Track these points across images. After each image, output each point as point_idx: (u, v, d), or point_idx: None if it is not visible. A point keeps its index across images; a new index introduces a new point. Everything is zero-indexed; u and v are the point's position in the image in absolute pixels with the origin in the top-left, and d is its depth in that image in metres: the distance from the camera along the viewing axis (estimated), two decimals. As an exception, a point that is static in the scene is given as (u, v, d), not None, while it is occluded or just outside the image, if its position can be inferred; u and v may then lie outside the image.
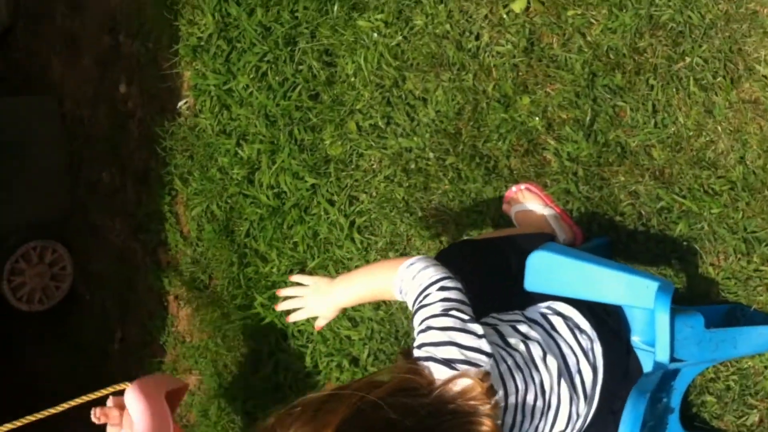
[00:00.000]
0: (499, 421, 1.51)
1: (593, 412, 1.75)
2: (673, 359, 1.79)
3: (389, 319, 2.78)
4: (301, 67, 2.90)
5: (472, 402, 1.40)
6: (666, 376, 1.87)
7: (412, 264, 1.64)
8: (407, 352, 1.53)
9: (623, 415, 1.68)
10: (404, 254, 2.70)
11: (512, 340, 1.66)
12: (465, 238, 2.46)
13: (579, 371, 1.71)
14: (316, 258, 2.95)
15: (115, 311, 4.20)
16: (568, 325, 1.76)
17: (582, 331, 1.75)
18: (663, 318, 1.74)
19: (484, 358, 1.49)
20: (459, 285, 1.59)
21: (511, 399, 1.57)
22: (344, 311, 2.50)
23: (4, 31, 4.65)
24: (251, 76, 3.04)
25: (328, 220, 2.89)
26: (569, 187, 2.26)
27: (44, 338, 4.66)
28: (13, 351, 4.81)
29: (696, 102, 2.03)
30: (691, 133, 2.05)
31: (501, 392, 1.55)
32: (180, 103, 3.50)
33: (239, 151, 3.17)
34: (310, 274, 2.96)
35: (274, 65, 2.97)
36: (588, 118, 2.19)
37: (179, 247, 3.61)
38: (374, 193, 2.75)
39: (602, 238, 2.21)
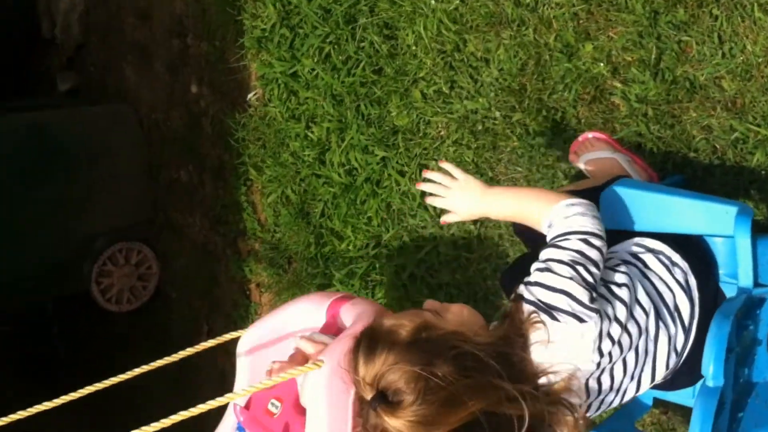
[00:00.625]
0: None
1: (690, 344, 1.73)
2: (757, 284, 1.76)
3: (467, 283, 2.78)
4: (362, 44, 2.93)
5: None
6: (752, 303, 1.83)
7: (572, 205, 1.59)
8: (517, 295, 1.52)
9: (707, 337, 1.65)
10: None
11: (615, 289, 1.61)
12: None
13: (677, 307, 1.69)
14: (391, 229, 2.97)
15: (201, 305, 4.31)
16: (660, 261, 1.72)
17: (675, 264, 1.71)
18: (744, 242, 1.72)
19: (591, 313, 1.50)
20: (602, 246, 1.55)
21: (614, 354, 1.57)
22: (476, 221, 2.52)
23: (78, 47, 4.83)
24: (315, 58, 3.09)
25: (399, 191, 2.92)
26: (640, 129, 2.24)
27: (134, 337, 4.80)
28: (105, 351, 4.96)
29: (762, 27, 1.99)
30: (760, 60, 2.01)
31: (605, 354, 1.55)
32: (249, 95, 3.58)
33: (309, 134, 3.22)
34: (387, 247, 2.99)
35: (336, 45, 3.01)
36: (653, 57, 2.17)
37: (257, 235, 3.68)
38: (444, 159, 2.76)
39: (677, 176, 2.17)
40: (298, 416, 1.79)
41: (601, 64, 2.28)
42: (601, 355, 1.53)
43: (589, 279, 1.50)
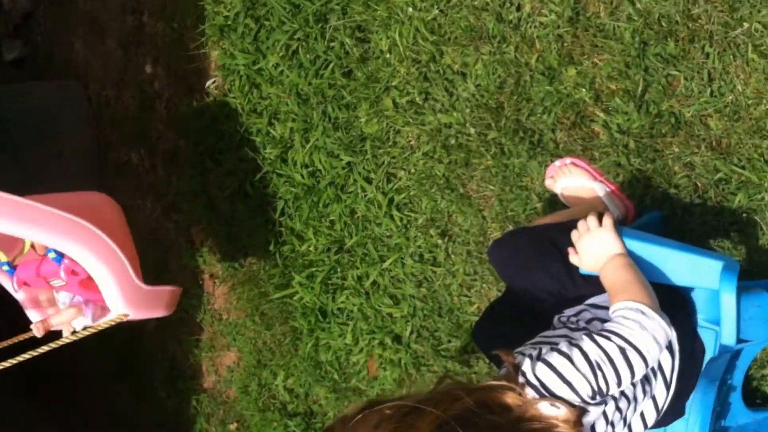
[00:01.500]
0: None
1: (671, 396, 1.71)
2: (739, 340, 1.74)
3: (432, 296, 2.74)
4: (333, 44, 2.83)
5: (554, 423, 1.38)
6: (730, 356, 1.82)
7: (643, 313, 1.50)
8: (516, 366, 1.47)
9: (694, 405, 1.64)
10: (445, 232, 2.66)
11: None
12: (518, 226, 2.39)
13: (660, 365, 1.66)
14: (354, 236, 2.90)
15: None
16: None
17: (670, 350, 1.68)
18: (729, 299, 1.69)
19: (590, 407, 1.46)
20: (637, 370, 1.47)
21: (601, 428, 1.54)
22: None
23: (25, 15, 4.60)
24: (281, 54, 2.98)
25: (365, 197, 2.84)
26: (620, 160, 2.20)
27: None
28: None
29: (755, 69, 1.95)
30: (750, 102, 1.98)
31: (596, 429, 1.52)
32: (208, 83, 3.45)
33: (271, 131, 3.11)
34: (350, 252, 2.93)
35: (304, 43, 2.90)
36: (639, 89, 2.12)
37: (213, 226, 3.58)
38: (413, 170, 2.69)
39: (656, 212, 2.15)
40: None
41: (584, 90, 2.23)
42: (593, 430, 1.50)
43: (602, 386, 1.45)
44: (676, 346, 1.71)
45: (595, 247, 1.70)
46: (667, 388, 1.70)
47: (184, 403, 3.99)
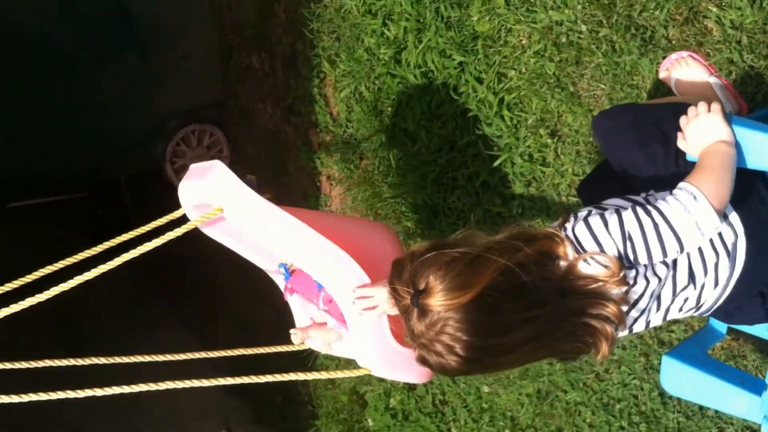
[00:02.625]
0: (625, 308, 1.55)
1: (727, 295, 1.72)
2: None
3: (541, 197, 2.78)
4: (446, -58, 2.83)
5: (602, 284, 1.48)
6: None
7: (704, 209, 1.50)
8: (563, 221, 1.57)
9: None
10: (555, 131, 2.67)
11: None
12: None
13: (716, 266, 1.67)
14: (466, 136, 2.95)
15: (271, 191, 4.37)
16: None
17: (729, 224, 1.67)
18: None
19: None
20: (670, 254, 1.52)
21: (646, 293, 1.60)
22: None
23: None
24: (396, -47, 3.01)
25: (476, 98, 2.88)
26: (732, 57, 2.16)
27: (206, 218, 4.91)
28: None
29: None
30: None
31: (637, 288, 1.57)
32: (325, -16, 3.51)
33: (385, 31, 3.16)
34: (461, 152, 2.98)
35: (419, -59, 2.92)
36: (754, -18, 2.07)
37: (329, 128, 3.69)
38: (524, 70, 2.71)
39: (767, 109, 2.11)
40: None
41: (698, -15, 2.19)
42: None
43: (629, 254, 1.51)
44: (740, 258, 1.68)
45: (702, 132, 1.68)
46: (716, 286, 1.70)
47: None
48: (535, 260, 1.45)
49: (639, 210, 1.52)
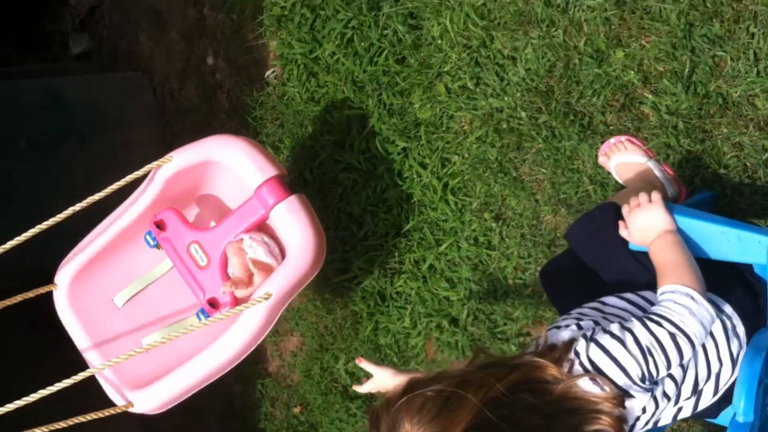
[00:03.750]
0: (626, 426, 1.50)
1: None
2: (786, 313, 1.76)
3: (487, 279, 2.78)
4: (386, 32, 2.89)
5: (599, 402, 1.42)
6: (781, 331, 1.83)
7: (692, 298, 1.54)
8: (552, 346, 1.52)
9: (739, 374, 1.66)
10: (499, 215, 2.70)
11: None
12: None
13: (718, 375, 1.69)
14: (411, 220, 2.97)
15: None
16: (725, 329, 1.70)
17: (736, 335, 1.70)
18: (776, 273, 1.72)
19: (640, 390, 1.51)
20: (686, 352, 1.51)
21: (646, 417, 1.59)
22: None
23: (91, 9, 4.75)
24: (336, 42, 3.05)
25: (421, 182, 2.90)
26: (669, 141, 2.21)
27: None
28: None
29: (801, 48, 1.96)
30: (796, 81, 1.98)
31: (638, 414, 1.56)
32: (267, 73, 3.54)
33: (329, 118, 3.19)
34: (407, 236, 2.99)
35: (359, 31, 2.97)
36: (686, 70, 2.14)
37: (274, 214, 3.68)
38: (466, 155, 2.74)
39: (706, 192, 2.16)
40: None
41: (632, 73, 2.25)
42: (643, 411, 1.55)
43: (653, 371, 1.49)
44: (741, 329, 1.73)
45: (644, 222, 1.73)
46: (715, 393, 1.73)
47: (249, 387, 4.11)
48: (518, 390, 1.36)
49: (649, 323, 1.51)
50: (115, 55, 4.69)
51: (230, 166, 2.34)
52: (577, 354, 1.49)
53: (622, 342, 1.48)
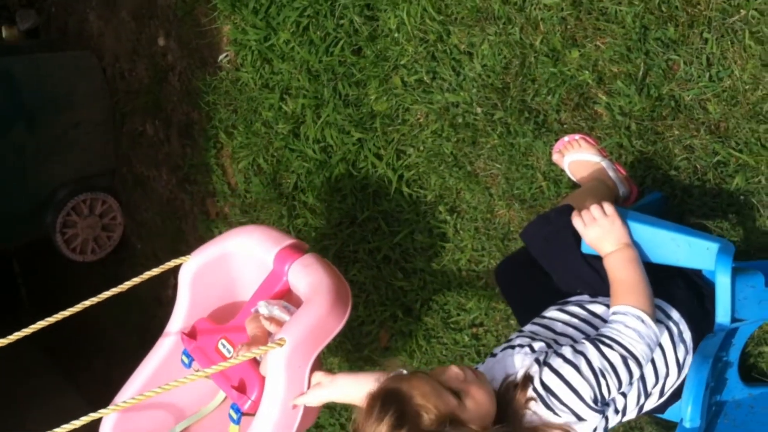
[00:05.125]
0: None
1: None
2: (733, 319, 1.81)
3: (441, 271, 2.81)
4: (342, 22, 2.87)
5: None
6: (726, 334, 1.88)
7: (642, 322, 1.60)
8: (525, 380, 1.57)
9: (686, 381, 1.71)
10: (454, 208, 2.72)
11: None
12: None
13: (665, 381, 1.74)
14: (366, 211, 2.97)
15: (167, 259, 4.28)
16: (671, 337, 1.75)
17: (682, 341, 1.76)
18: (724, 280, 1.75)
19: (592, 414, 1.57)
20: (635, 373, 1.58)
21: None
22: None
23: (39, -15, 4.64)
24: (292, 30, 3.02)
25: (376, 173, 2.91)
26: (622, 141, 2.25)
27: (98, 287, 4.77)
28: (69, 300, 4.94)
29: (752, 55, 1.99)
30: (747, 87, 2.02)
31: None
32: (220, 57, 3.50)
33: (283, 106, 3.17)
34: (362, 226, 2.99)
35: (314, 20, 2.95)
36: (640, 72, 2.16)
37: (227, 199, 3.66)
38: (422, 148, 2.75)
39: (656, 193, 2.20)
40: (252, 370, 2.01)
41: (587, 73, 2.27)
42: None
43: (605, 393, 1.54)
44: (686, 370, 1.78)
45: (601, 236, 1.75)
46: (661, 396, 1.78)
47: (202, 369, 4.11)
48: None
49: (601, 346, 1.56)
50: (64, 32, 4.60)
51: (247, 252, 2.18)
52: (530, 379, 1.53)
53: (576, 366, 1.53)
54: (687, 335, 1.76)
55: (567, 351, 1.56)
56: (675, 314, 1.77)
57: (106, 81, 4.26)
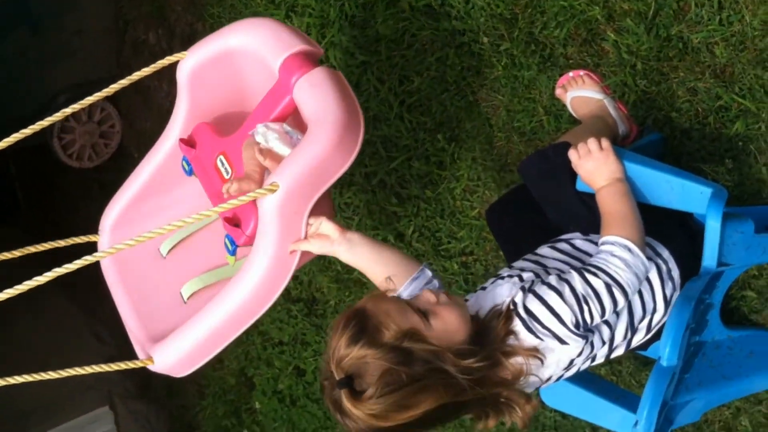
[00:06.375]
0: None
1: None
2: (720, 263, 1.83)
3: (436, 199, 2.82)
4: (353, -60, 2.83)
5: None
6: (711, 277, 1.91)
7: (629, 250, 1.61)
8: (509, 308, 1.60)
9: (667, 321, 1.74)
10: (453, 137, 2.72)
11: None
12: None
13: (652, 317, 1.77)
14: (366, 135, 2.96)
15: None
16: (660, 274, 1.78)
17: (671, 278, 1.78)
18: (714, 225, 1.78)
19: (574, 338, 1.60)
20: (620, 301, 1.60)
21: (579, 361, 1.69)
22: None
23: None
24: (301, -54, 2.98)
25: (378, 97, 2.89)
26: (626, 80, 2.24)
27: (94, 193, 4.79)
28: (65, 205, 4.96)
29: (764, 1, 1.97)
30: (756, 33, 2.00)
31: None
32: (227, -31, 3.45)
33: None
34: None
35: (325, -64, 2.90)
36: (651, 11, 2.15)
37: (227, 115, 3.64)
38: (425, 74, 2.74)
39: (656, 134, 2.20)
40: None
41: (597, 8, 2.25)
42: (570, 363, 1.63)
43: (587, 319, 1.57)
44: (676, 273, 1.81)
45: (594, 170, 1.77)
46: (648, 332, 1.81)
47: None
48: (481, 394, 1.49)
49: (586, 274, 1.59)
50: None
51: (252, 53, 1.88)
52: (514, 304, 1.56)
53: (559, 292, 1.56)
54: (675, 273, 1.79)
55: (552, 279, 1.59)
56: (665, 252, 1.79)
57: (110, -14, 4.21)
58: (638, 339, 1.83)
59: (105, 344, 4.90)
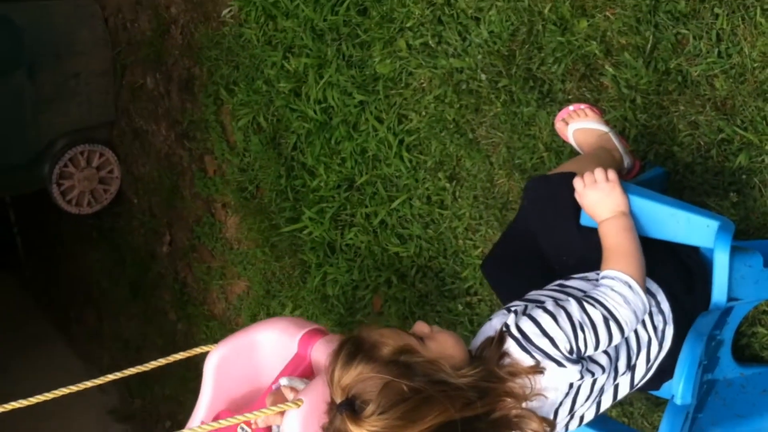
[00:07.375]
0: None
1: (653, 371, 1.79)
2: (730, 299, 1.80)
3: (438, 238, 2.79)
4: (348, -19, 2.83)
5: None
6: (721, 313, 1.87)
7: (629, 287, 1.58)
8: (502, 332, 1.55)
9: (680, 356, 1.70)
10: (453, 175, 2.69)
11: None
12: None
13: (648, 348, 1.73)
14: (365, 174, 2.95)
15: (163, 215, 4.28)
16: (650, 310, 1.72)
17: (660, 311, 1.74)
18: (722, 258, 1.74)
19: (568, 363, 1.53)
20: (616, 338, 1.56)
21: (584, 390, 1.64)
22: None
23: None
24: (297, -13, 2.98)
25: (376, 137, 2.88)
26: (626, 114, 2.22)
27: (94, 239, 4.77)
28: (64, 251, 4.94)
29: (762, 33, 1.96)
30: (756, 65, 1.98)
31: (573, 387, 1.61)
32: (224, 12, 3.46)
33: (285, 64, 3.14)
34: (360, 190, 2.97)
35: (321, -23, 2.91)
36: (649, 45, 2.13)
37: (226, 156, 3.63)
38: (424, 113, 2.72)
39: (658, 168, 2.17)
40: None
41: (594, 43, 2.24)
42: (570, 387, 1.58)
43: (581, 346, 1.52)
44: (667, 343, 1.76)
45: (600, 201, 1.73)
46: (647, 368, 1.77)
47: (194, 328, 4.11)
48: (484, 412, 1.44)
49: (585, 303, 1.55)
50: (65, -20, 4.53)
51: (270, 341, 2.18)
52: (507, 326, 1.53)
53: (554, 316, 1.52)
54: (665, 306, 1.75)
55: (549, 304, 1.56)
56: (652, 285, 1.76)
57: (107, 31, 4.22)
58: (639, 375, 1.78)
59: (107, 394, 4.86)
